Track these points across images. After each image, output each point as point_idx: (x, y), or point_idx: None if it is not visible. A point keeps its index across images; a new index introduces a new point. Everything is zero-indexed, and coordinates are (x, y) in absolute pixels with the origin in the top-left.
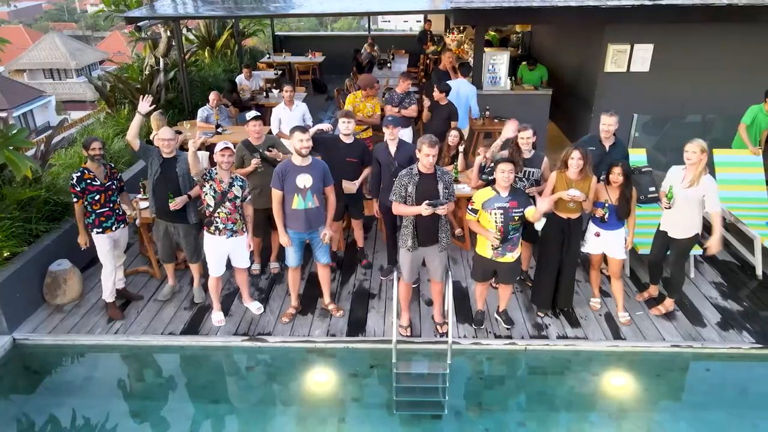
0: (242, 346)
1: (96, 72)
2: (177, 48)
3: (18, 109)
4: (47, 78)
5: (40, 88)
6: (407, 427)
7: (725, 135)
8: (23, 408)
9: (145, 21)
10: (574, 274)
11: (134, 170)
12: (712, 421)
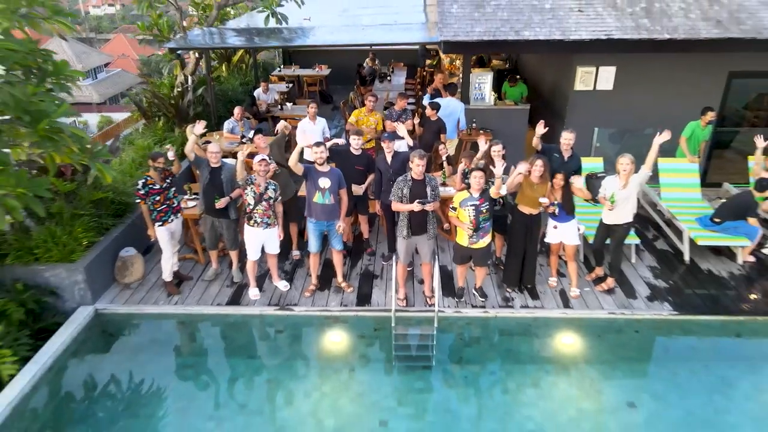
0: (274, 315)
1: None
2: (206, 71)
3: None
4: None
5: None
6: (404, 376)
7: (671, 146)
8: (103, 363)
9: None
10: (535, 258)
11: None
12: (639, 370)
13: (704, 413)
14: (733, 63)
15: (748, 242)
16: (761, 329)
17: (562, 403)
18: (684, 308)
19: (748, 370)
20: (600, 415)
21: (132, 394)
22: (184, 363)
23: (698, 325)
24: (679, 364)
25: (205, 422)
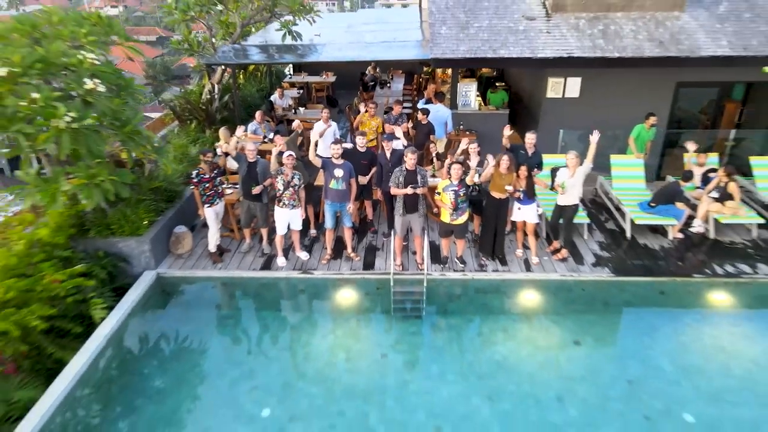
0: (297, 277)
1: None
2: (233, 82)
3: None
4: None
5: None
6: (400, 323)
7: (623, 145)
8: (163, 314)
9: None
10: (504, 233)
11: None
12: (584, 318)
13: (634, 349)
14: (680, 75)
15: (676, 222)
16: (680, 287)
17: (523, 342)
18: (621, 272)
19: (669, 319)
20: (552, 351)
21: (187, 336)
22: (226, 314)
23: (631, 285)
24: (616, 314)
25: (244, 356)
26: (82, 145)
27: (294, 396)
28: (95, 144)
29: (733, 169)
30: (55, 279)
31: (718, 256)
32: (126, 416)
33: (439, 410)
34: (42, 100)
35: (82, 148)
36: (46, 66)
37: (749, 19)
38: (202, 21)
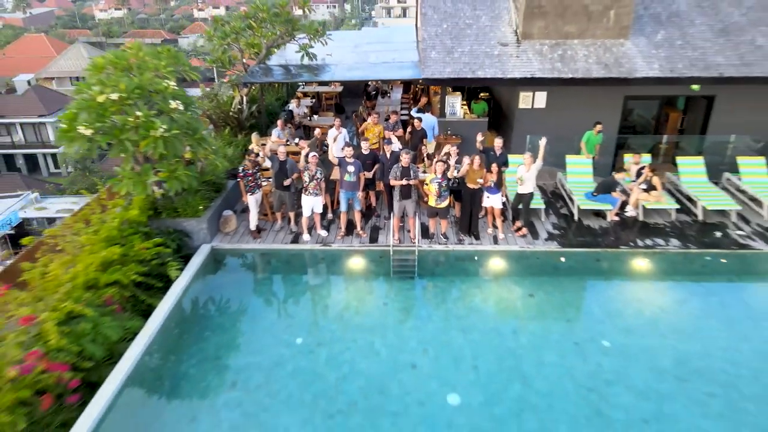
0: (318, 249)
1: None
2: (260, 95)
3: (54, 115)
4: (73, 85)
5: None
6: (397, 282)
7: (578, 147)
8: (217, 276)
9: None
10: (478, 215)
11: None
12: (537, 279)
13: (573, 300)
14: (627, 90)
15: (612, 207)
16: (611, 256)
17: (490, 295)
18: (567, 245)
19: (601, 278)
20: (513, 301)
21: (236, 291)
22: (264, 277)
23: (574, 255)
24: (562, 276)
25: (280, 304)
26: (170, 148)
27: (319, 330)
28: (177, 148)
29: (657, 166)
30: (143, 247)
31: (643, 233)
32: (199, 342)
33: (426, 339)
34: (144, 116)
35: (170, 150)
36: (142, 91)
37: (679, 46)
38: (235, 45)
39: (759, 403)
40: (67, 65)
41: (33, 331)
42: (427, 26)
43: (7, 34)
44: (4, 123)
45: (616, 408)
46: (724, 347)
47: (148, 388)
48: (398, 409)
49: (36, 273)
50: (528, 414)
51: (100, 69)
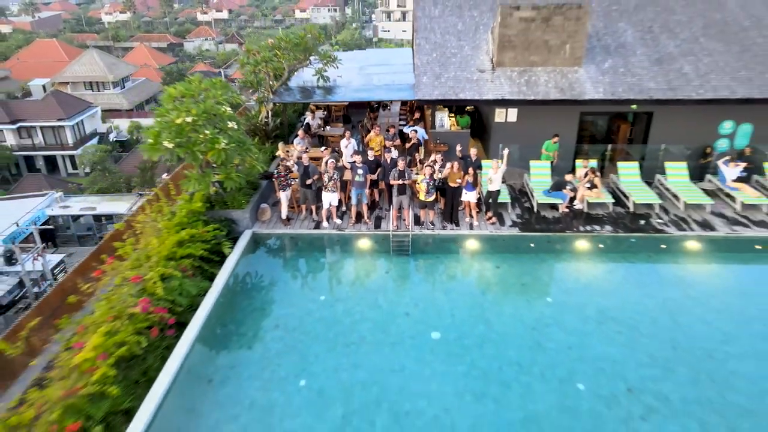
0: (335, 234)
1: (129, 84)
2: (283, 111)
3: (72, 119)
4: (87, 89)
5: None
6: (396, 258)
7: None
8: (257, 253)
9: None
10: (458, 208)
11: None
12: (502, 254)
13: (530, 270)
14: (582, 108)
15: (562, 201)
16: (560, 238)
17: (467, 268)
18: (527, 230)
19: (551, 254)
20: (483, 271)
21: (272, 264)
22: (292, 254)
23: (532, 238)
24: (521, 252)
25: (306, 272)
26: (229, 157)
27: (337, 291)
28: (232, 156)
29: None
30: (204, 230)
31: (586, 221)
32: (248, 299)
33: (417, 297)
34: (210, 134)
35: (228, 159)
36: (207, 115)
37: (621, 73)
38: (264, 70)
39: (652, 338)
40: (81, 70)
41: (139, 286)
42: (420, 55)
43: (18, 39)
44: (26, 126)
45: (550, 341)
46: (634, 302)
47: (218, 328)
48: (395, 341)
49: (128, 249)
50: (488, 344)
51: (172, 97)
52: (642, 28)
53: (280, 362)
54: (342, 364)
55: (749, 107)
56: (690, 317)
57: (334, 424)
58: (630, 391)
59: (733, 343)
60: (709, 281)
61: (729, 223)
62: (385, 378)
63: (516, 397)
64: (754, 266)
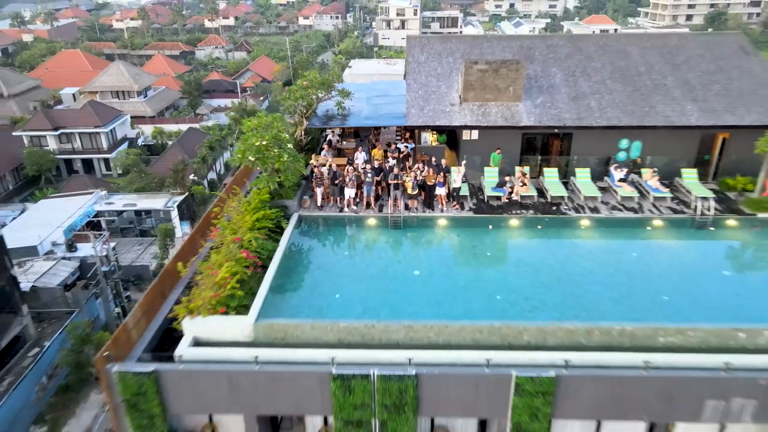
0: (352, 215)
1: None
2: (311, 132)
3: (107, 126)
4: (114, 98)
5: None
6: (392, 231)
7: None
8: (302, 230)
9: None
10: (433, 198)
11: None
12: (463, 229)
13: (479, 238)
14: (523, 130)
15: (503, 194)
16: (500, 219)
17: (439, 236)
18: (479, 213)
19: (494, 229)
20: (448, 238)
21: (313, 235)
22: (324, 227)
23: (483, 219)
24: (475, 227)
25: (335, 237)
26: (288, 166)
27: (354, 249)
28: (290, 166)
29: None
30: (270, 212)
31: (518, 207)
32: (299, 254)
33: (405, 254)
34: (277, 153)
35: (287, 167)
36: (275, 140)
37: (548, 107)
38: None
39: (546, 275)
40: (108, 80)
41: (239, 244)
42: (410, 92)
43: (42, 48)
44: (66, 132)
45: (486, 275)
46: (540, 256)
47: (285, 270)
48: (393, 276)
49: (223, 222)
50: (447, 278)
51: (250, 126)
52: (567, 73)
53: (323, 286)
54: (359, 288)
55: (638, 130)
56: (572, 264)
57: (356, 315)
58: (526, 299)
59: (592, 276)
60: (590, 244)
61: (610, 209)
62: (386, 294)
63: (461, 303)
64: (620, 235)
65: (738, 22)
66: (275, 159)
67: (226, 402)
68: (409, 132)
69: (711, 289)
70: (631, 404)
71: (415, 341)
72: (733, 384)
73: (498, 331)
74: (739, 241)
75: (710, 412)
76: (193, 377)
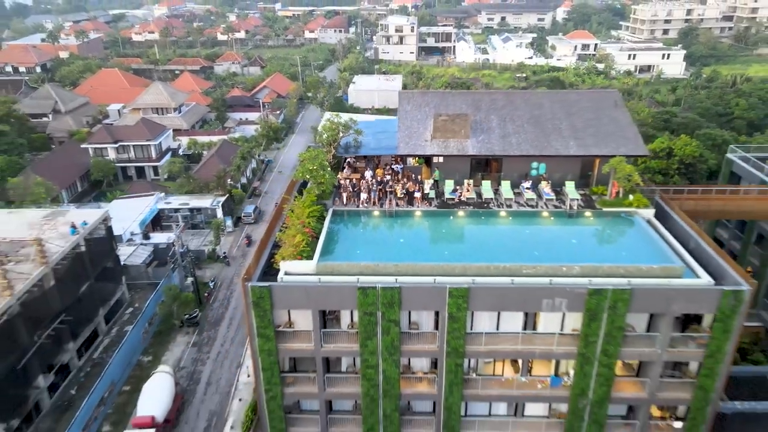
0: (364, 210)
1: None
2: (336, 157)
3: (156, 139)
4: (154, 113)
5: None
6: (389, 218)
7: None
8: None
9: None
10: (414, 199)
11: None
12: (432, 219)
13: (441, 223)
14: (471, 157)
15: (455, 197)
16: (453, 212)
17: (416, 221)
18: (441, 208)
19: (451, 218)
20: (422, 223)
21: (342, 221)
22: (349, 217)
23: (446, 212)
24: (439, 217)
25: (353, 224)
26: (327, 180)
27: (366, 230)
28: (328, 180)
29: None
30: (316, 208)
31: (465, 205)
32: (341, 232)
33: (397, 230)
34: (323, 174)
35: (327, 181)
36: (320, 165)
37: (486, 142)
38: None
39: (481, 243)
40: (149, 99)
41: (303, 224)
42: (400, 132)
43: (79, 65)
44: (123, 144)
45: (444, 242)
46: (477, 232)
47: (328, 239)
48: (387, 242)
49: (288, 211)
50: (420, 243)
51: (306, 156)
52: (500, 119)
53: (348, 246)
54: (369, 247)
55: (541, 158)
56: (493, 236)
57: (368, 259)
58: (462, 254)
59: (503, 241)
60: (505, 226)
61: (520, 206)
62: (383, 250)
63: (427, 254)
64: (523, 221)
65: (708, 37)
66: (321, 177)
67: (302, 302)
68: (400, 158)
69: (563, 249)
70: (509, 302)
71: (399, 272)
72: (556, 291)
73: (441, 268)
74: (588, 225)
75: (545, 305)
76: (286, 289)
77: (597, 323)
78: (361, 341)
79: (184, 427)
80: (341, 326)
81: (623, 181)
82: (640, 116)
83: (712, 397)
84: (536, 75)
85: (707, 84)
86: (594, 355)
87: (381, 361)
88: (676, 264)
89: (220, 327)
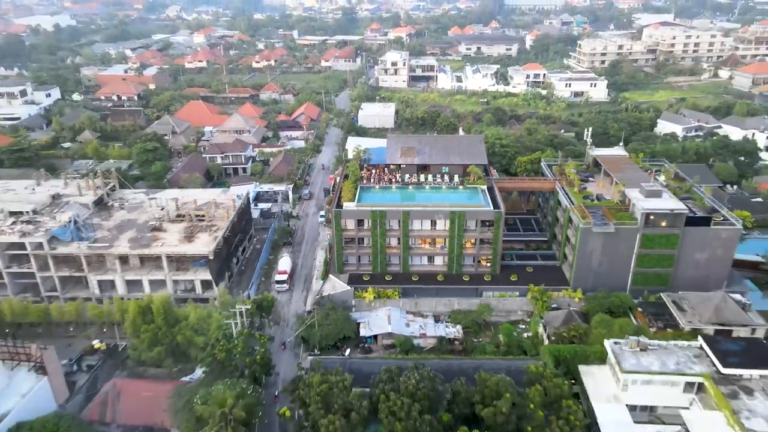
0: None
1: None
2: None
3: (245, 150)
4: (234, 134)
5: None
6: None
7: None
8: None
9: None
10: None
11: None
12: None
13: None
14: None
15: (409, 181)
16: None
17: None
18: (403, 186)
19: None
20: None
21: (369, 192)
22: (370, 189)
23: (404, 187)
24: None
25: (374, 193)
26: (358, 174)
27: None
28: (358, 173)
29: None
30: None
31: (409, 185)
32: (365, 194)
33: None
34: (357, 170)
35: (358, 174)
36: (356, 166)
37: (423, 158)
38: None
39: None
40: (232, 124)
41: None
42: (387, 153)
43: (166, 96)
44: (227, 154)
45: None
46: (416, 194)
47: (361, 197)
48: (395, 197)
49: (343, 184)
50: (397, 197)
51: (352, 165)
52: (430, 147)
53: (373, 199)
54: (384, 200)
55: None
56: (422, 195)
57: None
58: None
59: None
60: (428, 192)
61: (436, 184)
62: (393, 200)
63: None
64: (436, 191)
65: (629, 68)
66: (357, 172)
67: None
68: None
69: (448, 199)
70: (424, 216)
71: (386, 207)
72: (441, 213)
73: (402, 205)
74: (459, 192)
75: (437, 217)
76: (345, 212)
77: (454, 225)
78: (372, 232)
79: (296, 277)
80: (364, 226)
81: (475, 174)
82: (538, 136)
83: (498, 252)
84: (495, 99)
85: (614, 109)
86: (455, 237)
87: (378, 240)
88: (483, 203)
89: (302, 245)
